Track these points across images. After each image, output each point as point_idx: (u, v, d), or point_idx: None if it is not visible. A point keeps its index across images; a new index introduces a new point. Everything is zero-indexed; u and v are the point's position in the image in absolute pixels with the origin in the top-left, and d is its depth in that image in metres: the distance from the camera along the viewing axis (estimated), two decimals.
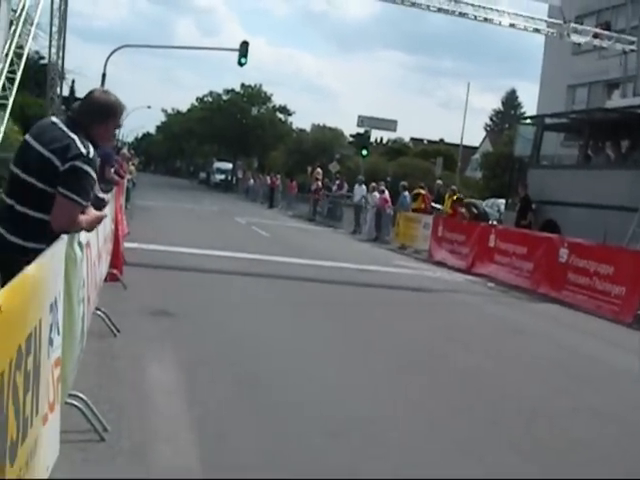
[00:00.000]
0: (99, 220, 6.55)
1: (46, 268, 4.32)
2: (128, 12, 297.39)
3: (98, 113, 6.02)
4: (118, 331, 9.46)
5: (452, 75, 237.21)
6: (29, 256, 5.54)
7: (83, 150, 5.66)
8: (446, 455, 6.71)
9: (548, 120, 28.16)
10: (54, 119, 6.07)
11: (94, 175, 5.77)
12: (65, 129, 5.81)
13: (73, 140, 5.70)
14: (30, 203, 5.71)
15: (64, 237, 5.28)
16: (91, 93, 6.21)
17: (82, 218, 5.79)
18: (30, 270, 3.73)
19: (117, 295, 11.76)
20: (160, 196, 50.78)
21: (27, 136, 6.00)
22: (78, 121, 5.95)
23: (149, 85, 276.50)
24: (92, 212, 6.00)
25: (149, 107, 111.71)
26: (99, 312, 9.31)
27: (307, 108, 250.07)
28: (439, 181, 35.54)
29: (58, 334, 4.77)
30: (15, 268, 5.68)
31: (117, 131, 6.58)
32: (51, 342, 4.42)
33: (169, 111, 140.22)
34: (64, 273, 5.19)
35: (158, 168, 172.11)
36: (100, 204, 6.27)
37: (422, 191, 32.76)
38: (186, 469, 5.72)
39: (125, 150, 26.07)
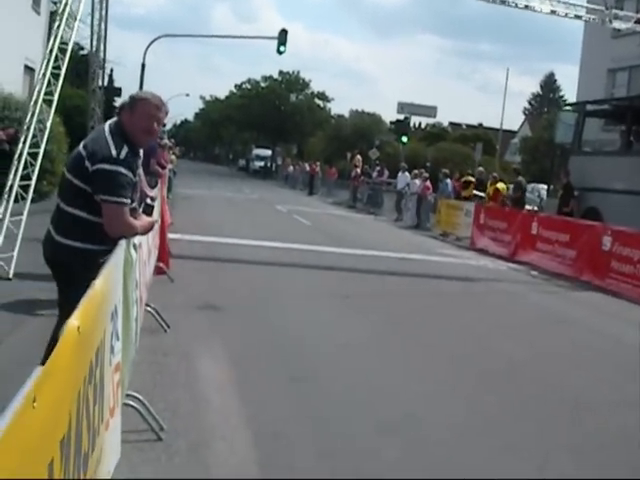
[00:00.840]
0: (152, 226, 6.68)
1: (110, 279, 4.41)
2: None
3: (127, 104, 6.19)
4: (168, 326, 9.59)
5: (489, 58, 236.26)
6: (75, 255, 5.75)
7: (113, 152, 5.78)
8: (494, 452, 6.76)
9: (589, 107, 27.94)
10: (109, 122, 6.20)
11: (126, 172, 5.83)
12: (105, 130, 5.98)
13: (105, 141, 5.84)
14: (72, 201, 5.91)
15: (122, 243, 5.39)
16: None
17: (137, 224, 5.92)
18: (98, 285, 3.82)
19: (164, 289, 11.89)
20: (200, 184, 51.02)
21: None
22: (118, 121, 6.11)
23: (187, 72, 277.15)
24: (144, 218, 6.10)
25: (187, 95, 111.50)
26: (149, 308, 9.44)
27: (345, 93, 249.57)
28: (480, 168, 35.17)
29: (117, 339, 4.87)
30: (63, 267, 5.89)
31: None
32: (112, 350, 4.52)
33: (207, 98, 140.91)
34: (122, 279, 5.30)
35: (197, 155, 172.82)
36: (149, 210, 6.36)
37: (472, 178, 32.55)
38: (243, 468, 5.82)
39: (166, 139, 26.15)
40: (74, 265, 5.60)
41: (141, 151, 6.28)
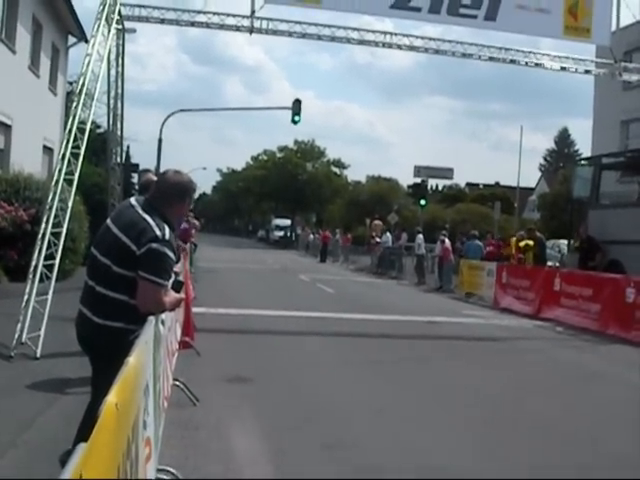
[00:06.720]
0: (179, 302, 6.68)
1: (142, 356, 4.45)
2: (176, 75, 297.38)
3: (174, 195, 6.11)
4: (197, 400, 9.59)
5: (500, 117, 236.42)
6: (115, 335, 5.74)
7: (158, 233, 5.75)
8: None
9: (605, 160, 27.98)
10: (133, 201, 6.17)
11: (172, 255, 5.84)
12: (141, 212, 5.91)
13: (148, 224, 5.80)
14: (112, 286, 5.83)
15: (151, 319, 5.41)
16: (165, 175, 6.30)
17: (166, 300, 5.90)
18: (132, 361, 3.86)
19: (192, 363, 11.89)
20: (222, 255, 51.35)
21: (108, 220, 6.14)
22: (154, 203, 6.04)
23: (202, 145, 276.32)
24: (172, 294, 6.09)
25: (204, 168, 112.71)
26: (177, 382, 9.46)
27: (360, 159, 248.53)
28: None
29: (148, 414, 4.88)
30: (102, 347, 5.88)
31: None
32: (144, 425, 4.53)
33: (224, 170, 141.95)
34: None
35: (216, 227, 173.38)
36: (179, 286, 6.34)
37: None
38: None
39: (192, 218, 26.39)
40: (114, 345, 5.54)
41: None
